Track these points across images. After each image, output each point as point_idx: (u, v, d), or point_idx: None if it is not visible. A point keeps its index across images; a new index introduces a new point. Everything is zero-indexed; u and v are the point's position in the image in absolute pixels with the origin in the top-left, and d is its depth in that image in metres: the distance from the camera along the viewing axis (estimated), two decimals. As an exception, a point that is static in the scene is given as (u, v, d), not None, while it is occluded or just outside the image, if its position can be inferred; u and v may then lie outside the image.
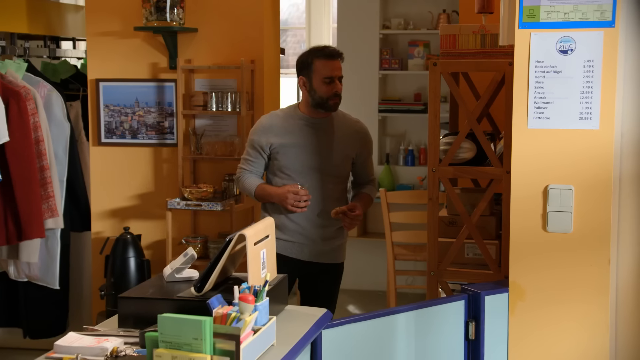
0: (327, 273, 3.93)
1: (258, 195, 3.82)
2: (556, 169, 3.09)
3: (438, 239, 3.62)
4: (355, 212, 3.77)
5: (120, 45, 5.02)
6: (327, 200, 3.80)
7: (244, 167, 3.86)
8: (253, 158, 3.83)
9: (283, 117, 3.82)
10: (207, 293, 2.57)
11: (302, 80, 3.76)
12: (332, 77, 3.71)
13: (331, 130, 3.81)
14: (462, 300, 3.19)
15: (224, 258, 2.54)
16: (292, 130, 3.76)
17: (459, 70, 3.63)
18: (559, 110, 3.06)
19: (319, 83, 3.71)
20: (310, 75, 3.72)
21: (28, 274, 5.05)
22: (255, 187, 3.81)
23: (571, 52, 3.03)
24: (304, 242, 3.80)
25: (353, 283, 7.19)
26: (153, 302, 2.55)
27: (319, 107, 3.75)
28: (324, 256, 3.88)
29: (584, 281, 3.10)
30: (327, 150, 3.78)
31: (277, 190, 3.74)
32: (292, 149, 3.74)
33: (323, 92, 3.72)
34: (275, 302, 2.73)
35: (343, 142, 3.83)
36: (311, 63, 3.72)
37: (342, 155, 3.84)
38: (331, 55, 3.73)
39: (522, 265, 3.17)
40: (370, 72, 7.01)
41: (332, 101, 3.74)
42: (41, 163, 4.76)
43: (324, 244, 3.85)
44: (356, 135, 3.92)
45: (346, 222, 3.79)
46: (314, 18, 8.06)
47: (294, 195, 3.67)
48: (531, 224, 3.14)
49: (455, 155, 3.58)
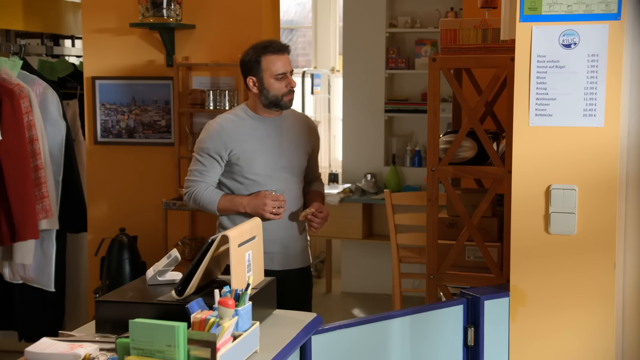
0: (298, 279, 3.72)
1: (222, 208, 3.54)
2: (559, 168, 2.96)
3: (438, 241, 3.49)
4: (324, 213, 3.63)
5: (116, 42, 4.92)
6: (295, 201, 3.65)
7: (197, 179, 3.56)
8: (207, 168, 3.54)
9: (236, 120, 3.60)
10: (189, 297, 2.46)
11: (251, 81, 3.55)
12: (284, 73, 3.54)
13: (287, 127, 3.65)
14: (461, 304, 3.06)
15: (205, 260, 2.43)
16: (250, 133, 3.56)
17: (459, 66, 3.50)
18: (562, 106, 2.93)
19: (270, 81, 3.52)
20: (260, 74, 3.53)
21: (23, 276, 4.95)
22: (218, 199, 3.53)
23: (575, 46, 2.90)
24: (275, 250, 3.59)
25: (358, 286, 7.08)
26: (132, 306, 2.44)
27: (273, 106, 3.56)
28: (294, 261, 3.68)
29: (589, 286, 2.96)
30: (290, 149, 3.62)
31: (249, 199, 3.52)
32: (256, 152, 3.55)
33: (276, 90, 3.53)
34: (262, 306, 2.61)
35: (301, 138, 3.68)
36: (259, 61, 3.52)
37: (302, 152, 3.68)
38: (279, 50, 3.54)
39: (523, 269, 3.04)
40: (377, 72, 6.90)
41: (286, 98, 3.56)
42: (35, 162, 4.66)
43: (294, 248, 3.67)
44: (309, 130, 3.77)
45: (314, 224, 3.64)
46: (320, 17, 7.94)
47: (273, 202, 3.48)
48: (533, 226, 3.01)
49: (456, 154, 3.46)
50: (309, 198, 3.73)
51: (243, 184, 3.56)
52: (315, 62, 8.00)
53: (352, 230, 6.63)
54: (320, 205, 3.62)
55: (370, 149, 7.00)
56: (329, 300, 6.98)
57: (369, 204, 6.69)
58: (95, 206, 5.05)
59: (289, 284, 3.60)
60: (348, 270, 7.13)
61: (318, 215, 3.59)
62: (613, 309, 2.94)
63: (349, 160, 7.06)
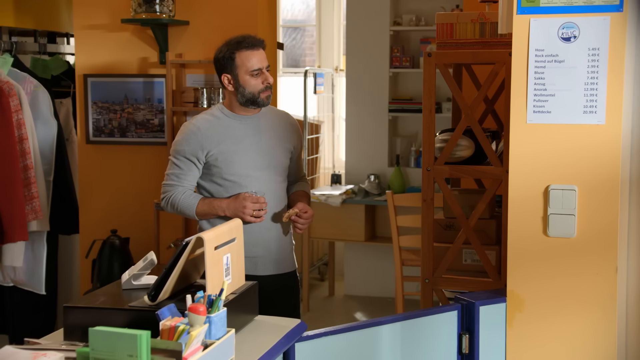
0: (283, 284, 3.57)
1: (201, 212, 3.39)
2: (558, 168, 2.82)
3: (433, 243, 3.36)
4: (309, 213, 3.48)
5: (109, 39, 4.81)
6: (277, 202, 3.50)
7: (174, 182, 3.40)
8: (184, 171, 3.39)
9: (212, 120, 3.45)
10: (163, 302, 2.33)
11: (226, 79, 3.41)
12: (259, 69, 3.39)
13: (267, 125, 3.51)
14: (455, 310, 2.93)
15: (180, 264, 2.30)
16: (227, 133, 3.42)
17: (455, 61, 3.36)
18: (561, 103, 2.79)
19: (246, 78, 3.38)
20: (235, 71, 3.38)
21: (13, 279, 4.84)
22: (196, 203, 3.38)
23: (574, 39, 2.76)
24: (258, 253, 3.45)
25: (361, 289, 6.95)
26: (101, 313, 2.31)
27: (250, 103, 3.42)
28: (279, 266, 3.54)
29: (589, 291, 2.82)
30: (270, 147, 3.48)
31: (228, 202, 3.37)
32: (234, 152, 3.40)
33: (252, 87, 3.39)
34: (242, 312, 2.48)
35: (281, 136, 3.54)
36: (233, 58, 3.38)
37: (283, 150, 3.53)
38: (253, 45, 3.40)
39: (520, 273, 2.91)
40: (380, 71, 6.76)
41: (264, 94, 3.41)
42: (25, 162, 4.55)
43: (278, 252, 3.52)
44: (291, 127, 3.61)
45: (299, 224, 3.48)
46: (324, 16, 7.81)
47: (253, 204, 3.33)
48: (531, 228, 2.87)
49: (452, 153, 3.32)
50: (293, 198, 3.59)
51: (222, 186, 3.42)
52: (320, 61, 7.87)
53: (355, 232, 6.49)
54: (305, 205, 3.48)
55: (373, 149, 6.85)
56: (332, 303, 6.85)
57: (372, 206, 6.55)
58: (87, 207, 4.94)
59: (273, 290, 3.46)
60: (351, 273, 6.99)
61: (302, 216, 3.45)
62: (615, 315, 2.80)
63: (352, 161, 6.92)
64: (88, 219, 4.93)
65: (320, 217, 6.45)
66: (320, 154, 7.39)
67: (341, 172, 7.17)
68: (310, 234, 6.50)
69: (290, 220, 3.47)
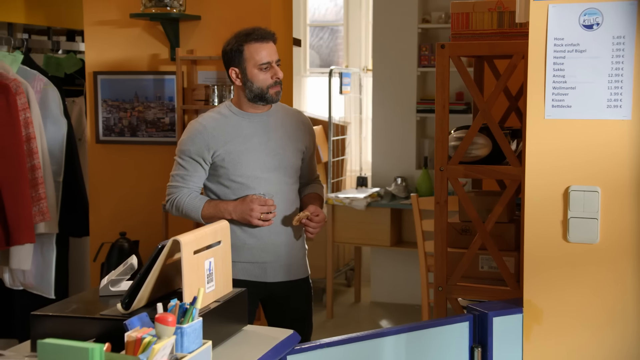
0: (295, 292, 3.39)
1: (207, 215, 3.21)
2: (579, 167, 2.59)
3: (447, 249, 3.13)
4: (320, 216, 3.28)
5: (119, 35, 4.65)
6: (288, 205, 3.32)
7: (179, 184, 3.25)
8: (190, 172, 3.23)
9: (219, 118, 3.28)
10: (138, 311, 2.14)
11: (234, 72, 3.24)
12: (268, 62, 3.21)
13: (277, 124, 3.32)
14: (467, 321, 2.70)
15: (155, 269, 2.11)
16: (235, 132, 3.24)
17: (470, 53, 3.13)
18: (583, 97, 2.55)
19: (254, 72, 3.20)
20: (243, 64, 3.21)
21: (23, 282, 4.71)
22: (202, 205, 3.21)
23: (597, 26, 2.53)
24: (267, 259, 3.28)
25: (387, 296, 6.73)
26: (70, 321, 2.13)
27: (258, 99, 3.24)
28: (290, 272, 3.35)
29: (613, 302, 2.58)
30: (280, 146, 3.29)
31: (235, 204, 3.19)
32: (241, 152, 3.23)
33: (261, 81, 3.21)
34: (227, 321, 2.29)
35: (292, 135, 3.35)
36: (241, 50, 3.20)
37: (294, 150, 3.34)
38: (263, 38, 3.22)
39: (538, 282, 2.67)
40: (408, 69, 6.53)
41: (272, 90, 3.23)
42: (32, 162, 4.41)
43: (289, 257, 3.33)
44: (303, 126, 3.42)
45: (310, 228, 3.28)
46: (352, 14, 7.61)
47: (261, 207, 3.15)
48: (549, 233, 2.64)
49: (468, 152, 3.09)
50: (304, 201, 3.40)
51: (230, 188, 3.24)
52: (347, 61, 7.67)
53: (380, 236, 6.26)
54: (316, 208, 3.28)
55: (401, 151, 6.62)
56: (357, 310, 6.64)
57: (398, 210, 6.31)
58: (98, 209, 4.79)
59: (284, 297, 3.29)
60: (378, 279, 6.77)
61: (313, 219, 3.25)
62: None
63: (379, 163, 6.70)
64: (98, 221, 4.78)
65: (344, 220, 6.25)
66: (347, 156, 7.18)
67: (368, 175, 6.96)
68: (334, 238, 6.29)
69: (301, 224, 3.27)
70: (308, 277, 3.45)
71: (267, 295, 3.35)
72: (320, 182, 3.54)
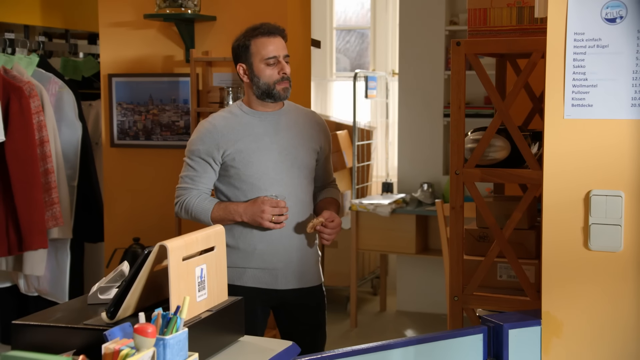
0: (308, 300, 3.26)
1: (216, 217, 3.10)
2: (601, 170, 2.42)
3: (463, 256, 2.98)
4: (335, 221, 3.14)
5: (134, 36, 4.57)
6: (301, 208, 3.19)
7: (188, 185, 3.14)
8: (199, 172, 3.13)
9: (229, 117, 3.17)
10: (123, 320, 2.02)
11: (241, 69, 3.15)
12: (275, 57, 3.10)
13: (290, 123, 3.21)
14: (480, 334, 2.54)
15: (142, 276, 1.99)
16: (245, 131, 3.13)
17: (487, 51, 2.97)
18: (605, 95, 2.39)
19: (261, 67, 3.10)
20: (250, 59, 3.12)
21: (37, 288, 4.64)
22: (211, 207, 3.10)
23: (621, 20, 2.37)
24: (277, 265, 3.15)
25: (413, 305, 6.56)
26: (54, 331, 2.01)
27: (266, 96, 3.13)
28: (302, 279, 3.22)
29: (638, 314, 2.41)
30: (292, 145, 3.17)
31: (245, 205, 3.08)
32: (253, 151, 3.12)
33: (267, 77, 3.10)
34: (219, 332, 2.16)
35: (305, 134, 3.23)
36: (248, 45, 3.11)
37: (308, 150, 3.22)
38: (270, 32, 3.12)
39: (558, 292, 2.51)
40: (435, 73, 6.37)
41: (279, 86, 3.12)
42: (45, 166, 4.33)
43: (301, 264, 3.20)
44: (317, 126, 3.30)
45: (325, 235, 3.15)
46: (378, 17, 7.46)
47: (273, 209, 3.03)
48: (569, 240, 2.47)
49: (485, 155, 2.94)
50: (320, 206, 3.27)
51: (240, 189, 3.13)
52: (374, 64, 7.53)
53: (405, 244, 6.09)
54: (332, 214, 3.14)
55: (427, 156, 6.46)
56: (382, 319, 6.48)
57: (423, 216, 6.14)
58: (112, 214, 4.70)
59: (296, 306, 3.18)
60: (404, 287, 6.61)
61: (328, 225, 3.12)
62: (668, 344, 2.39)
63: (405, 169, 6.54)
64: (112, 226, 4.69)
65: (368, 227, 6.10)
66: (373, 162, 7.03)
67: (394, 181, 6.80)
68: (358, 245, 6.14)
69: (316, 231, 3.14)
70: (321, 284, 3.32)
71: (278, 303, 3.23)
72: (336, 186, 3.41)
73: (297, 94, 4.42)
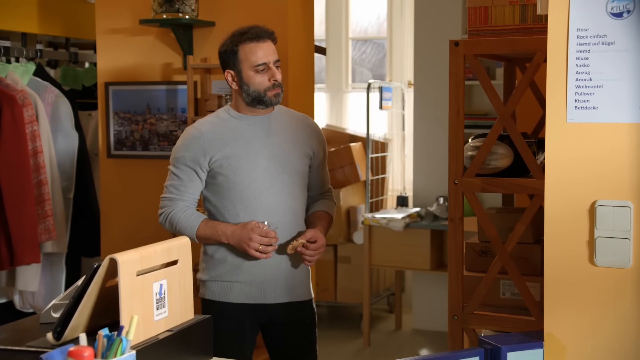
0: (297, 316, 3.09)
1: (202, 236, 2.94)
2: (607, 179, 2.21)
3: (464, 272, 2.77)
4: (319, 242, 2.95)
5: (131, 43, 4.42)
6: (293, 216, 3.02)
7: (173, 196, 2.98)
8: (185, 181, 2.96)
9: (216, 122, 3.02)
10: (71, 342, 1.85)
11: (230, 75, 2.98)
12: (265, 64, 2.93)
13: (280, 126, 3.04)
14: (477, 357, 2.33)
15: (90, 293, 1.81)
16: (233, 135, 2.98)
17: (487, 51, 2.77)
18: (611, 96, 2.19)
19: (250, 74, 2.93)
20: (238, 66, 2.95)
21: (32, 304, 4.49)
22: (197, 224, 2.94)
23: (628, 14, 2.17)
24: (266, 278, 2.98)
25: (430, 323, 6.33)
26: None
27: (257, 103, 2.97)
28: (292, 293, 3.04)
29: (649, 337, 2.20)
30: (283, 151, 3.00)
31: (234, 229, 2.90)
32: (242, 156, 2.95)
33: (257, 84, 2.93)
34: (181, 354, 1.97)
35: (297, 138, 3.06)
36: (236, 51, 2.94)
37: (300, 155, 3.04)
38: (258, 37, 2.94)
39: (561, 312, 2.30)
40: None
41: (270, 92, 2.95)
42: (39, 177, 4.19)
43: (290, 277, 3.02)
44: (310, 130, 3.13)
45: (307, 256, 2.96)
46: (394, 27, 7.28)
47: (261, 238, 2.85)
48: (573, 255, 2.26)
49: (486, 163, 2.73)
50: (310, 220, 3.09)
51: (228, 198, 2.96)
52: (391, 75, 7.34)
53: (419, 259, 5.87)
54: (315, 233, 2.95)
55: (443, 169, 6.16)
56: (397, 338, 6.26)
57: (439, 231, 5.92)
58: (109, 227, 4.53)
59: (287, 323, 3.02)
60: (420, 304, 6.39)
61: (310, 247, 2.94)
62: (682, 369, 2.17)
63: (421, 182, 6.33)
64: (109, 239, 4.53)
65: (382, 242, 5.89)
66: (388, 175, 6.83)
67: (409, 194, 6.59)
68: (371, 261, 5.93)
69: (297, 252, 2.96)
70: (311, 300, 3.13)
71: (267, 320, 3.05)
72: (332, 197, 3.22)
73: (300, 103, 4.25)
